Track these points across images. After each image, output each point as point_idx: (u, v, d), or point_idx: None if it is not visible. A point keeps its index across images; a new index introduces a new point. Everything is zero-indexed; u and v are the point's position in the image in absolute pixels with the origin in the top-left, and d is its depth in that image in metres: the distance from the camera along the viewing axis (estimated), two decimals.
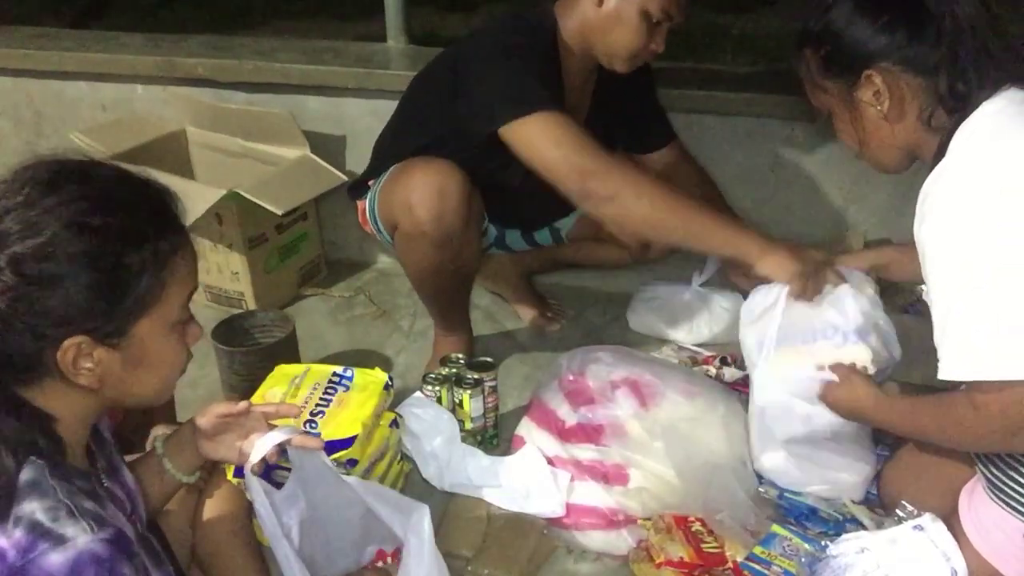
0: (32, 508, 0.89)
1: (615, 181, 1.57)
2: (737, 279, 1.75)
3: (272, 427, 1.26)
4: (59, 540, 0.87)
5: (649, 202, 1.58)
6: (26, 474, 0.91)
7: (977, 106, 1.16)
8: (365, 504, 1.28)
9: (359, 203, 2.00)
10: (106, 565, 0.89)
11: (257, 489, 1.24)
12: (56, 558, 0.87)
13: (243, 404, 1.24)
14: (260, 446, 1.21)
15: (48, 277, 0.90)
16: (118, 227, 0.94)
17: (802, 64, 1.33)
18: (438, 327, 2.04)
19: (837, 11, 1.24)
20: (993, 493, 1.26)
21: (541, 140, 1.60)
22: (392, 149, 1.92)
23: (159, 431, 1.30)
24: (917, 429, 1.34)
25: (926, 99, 1.20)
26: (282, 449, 1.29)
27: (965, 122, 1.16)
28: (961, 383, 1.17)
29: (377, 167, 1.95)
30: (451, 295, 1.96)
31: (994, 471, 1.26)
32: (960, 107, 1.17)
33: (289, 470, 1.33)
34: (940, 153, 1.18)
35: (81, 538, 0.88)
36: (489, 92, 1.66)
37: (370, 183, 1.96)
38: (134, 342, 0.97)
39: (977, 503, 1.30)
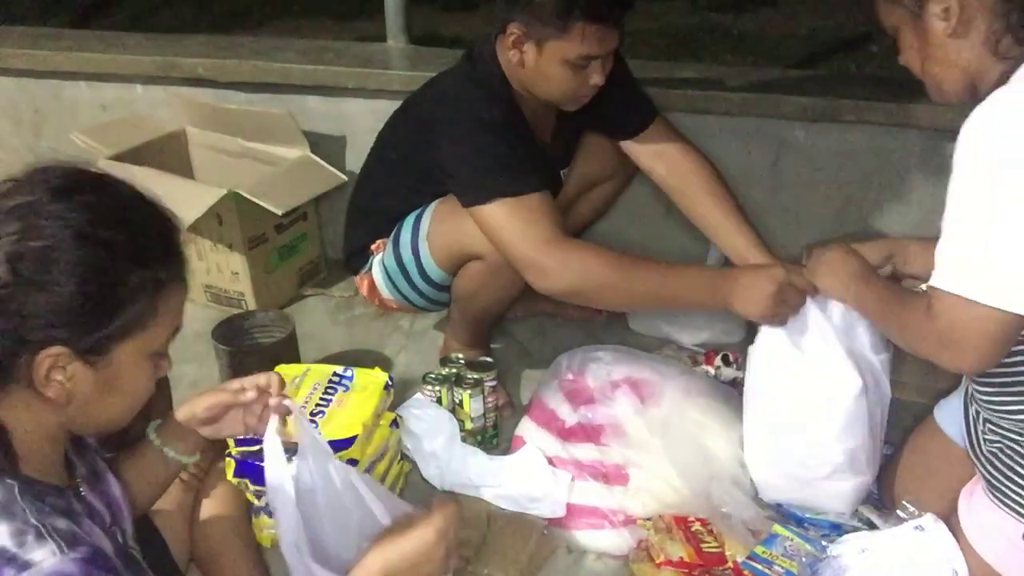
0: (2, 531, 0.85)
1: (569, 266, 1.56)
2: None
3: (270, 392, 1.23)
4: (24, 566, 0.83)
5: (605, 274, 1.55)
6: None
7: None
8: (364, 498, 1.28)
9: (363, 278, 1.98)
10: None
11: (275, 452, 1.20)
12: None
13: (227, 394, 1.20)
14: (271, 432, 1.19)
15: (43, 281, 0.87)
16: (125, 245, 0.91)
17: None
18: (461, 343, 2.01)
19: None
20: (993, 495, 1.26)
21: (499, 228, 1.61)
22: (391, 207, 1.89)
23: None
24: (882, 316, 1.35)
25: (996, 22, 1.15)
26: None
27: None
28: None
29: (375, 230, 1.93)
30: (499, 315, 1.97)
31: (994, 473, 1.26)
32: None
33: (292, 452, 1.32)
34: (1001, 82, 1.15)
35: (48, 561, 0.84)
36: (460, 173, 1.69)
37: (373, 249, 1.94)
38: (111, 364, 0.94)
39: (977, 505, 1.30)
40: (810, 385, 1.49)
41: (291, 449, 1.28)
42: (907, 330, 1.26)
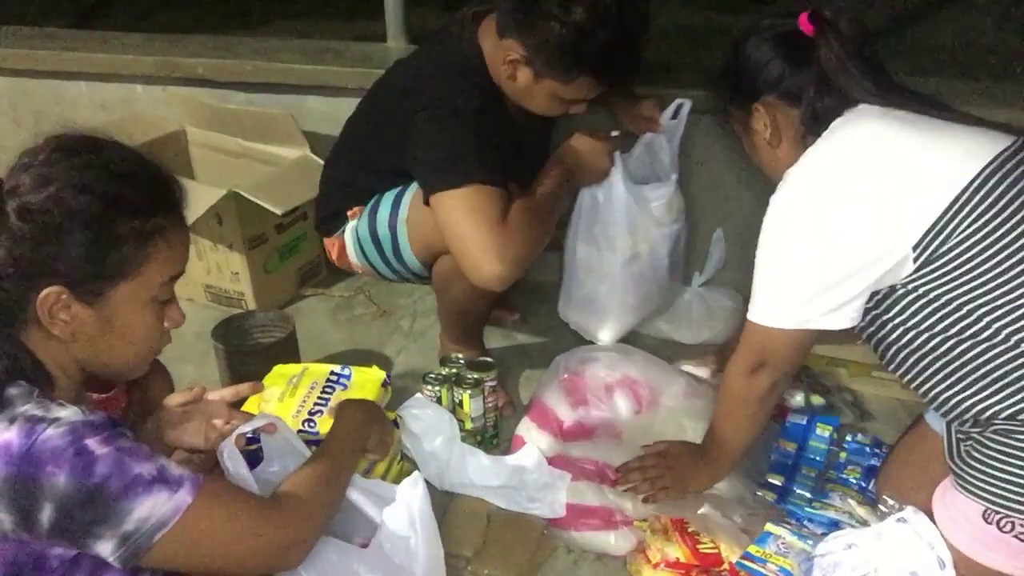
0: (25, 408, 0.97)
1: (513, 242, 1.58)
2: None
3: (235, 411, 1.30)
4: (54, 420, 0.96)
5: (533, 241, 1.63)
6: (14, 390, 0.99)
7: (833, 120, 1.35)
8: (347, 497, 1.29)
9: (333, 240, 1.97)
10: (103, 429, 0.97)
11: (237, 460, 1.23)
12: (55, 433, 0.95)
13: (197, 390, 1.30)
14: (229, 441, 1.23)
15: (46, 227, 0.99)
16: (116, 196, 1.03)
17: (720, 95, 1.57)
18: (455, 342, 2.01)
19: (739, 51, 1.48)
20: (957, 482, 1.30)
21: (444, 221, 1.62)
22: (367, 179, 1.87)
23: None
24: (724, 418, 1.52)
25: (798, 128, 1.41)
26: (253, 437, 1.31)
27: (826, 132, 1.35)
28: None
29: (352, 197, 1.90)
30: (484, 312, 1.98)
31: (957, 461, 1.30)
32: (823, 124, 1.35)
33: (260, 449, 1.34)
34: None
35: (75, 416, 0.97)
36: (426, 161, 1.67)
37: (348, 215, 1.91)
38: (109, 305, 1.05)
39: (948, 496, 1.34)
40: (599, 238, 1.86)
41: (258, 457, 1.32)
42: (733, 389, 1.45)
